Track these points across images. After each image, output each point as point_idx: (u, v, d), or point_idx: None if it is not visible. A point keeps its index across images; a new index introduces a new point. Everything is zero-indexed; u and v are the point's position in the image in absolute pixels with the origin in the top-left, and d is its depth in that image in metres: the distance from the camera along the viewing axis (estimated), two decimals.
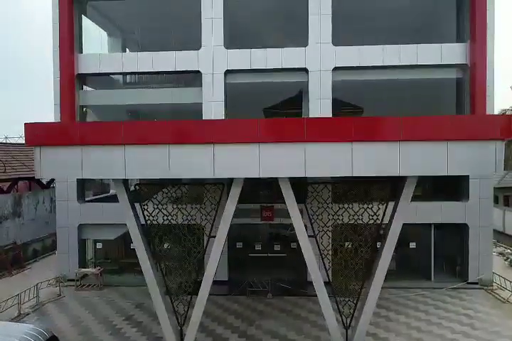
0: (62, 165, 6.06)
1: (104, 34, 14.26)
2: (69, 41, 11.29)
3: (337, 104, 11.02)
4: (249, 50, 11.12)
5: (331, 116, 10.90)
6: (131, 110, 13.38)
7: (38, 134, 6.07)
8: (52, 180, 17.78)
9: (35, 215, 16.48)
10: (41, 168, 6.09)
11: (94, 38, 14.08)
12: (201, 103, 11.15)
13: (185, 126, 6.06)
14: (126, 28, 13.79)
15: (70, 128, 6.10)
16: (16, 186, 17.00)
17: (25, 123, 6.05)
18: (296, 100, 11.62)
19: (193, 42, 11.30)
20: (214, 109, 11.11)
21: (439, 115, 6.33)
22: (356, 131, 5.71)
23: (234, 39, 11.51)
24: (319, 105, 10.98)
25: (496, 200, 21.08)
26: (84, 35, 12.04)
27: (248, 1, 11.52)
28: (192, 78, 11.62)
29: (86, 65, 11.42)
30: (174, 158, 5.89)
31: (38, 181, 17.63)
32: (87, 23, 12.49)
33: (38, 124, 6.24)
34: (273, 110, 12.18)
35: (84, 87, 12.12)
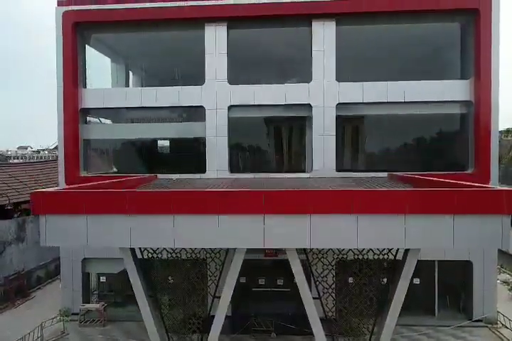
0: (68, 234, 6.08)
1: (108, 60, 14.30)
2: (72, 76, 11.28)
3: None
4: (252, 85, 11.14)
5: (334, 151, 10.93)
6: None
7: (43, 203, 6.08)
8: None
9: (38, 238, 16.50)
10: (46, 236, 6.11)
11: (98, 65, 14.16)
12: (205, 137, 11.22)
13: (190, 197, 6.04)
14: (130, 59, 13.74)
15: (75, 198, 6.09)
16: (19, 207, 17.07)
17: (31, 194, 6.08)
18: (300, 134, 11.65)
19: (197, 76, 11.31)
20: (218, 142, 11.13)
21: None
22: (361, 203, 5.69)
23: (238, 74, 11.49)
24: (323, 141, 10.99)
25: None
26: (88, 61, 12.09)
27: (252, 37, 11.54)
28: (195, 111, 11.59)
29: (90, 100, 11.43)
30: (180, 228, 5.89)
31: None
32: (91, 52, 12.50)
33: (43, 193, 6.25)
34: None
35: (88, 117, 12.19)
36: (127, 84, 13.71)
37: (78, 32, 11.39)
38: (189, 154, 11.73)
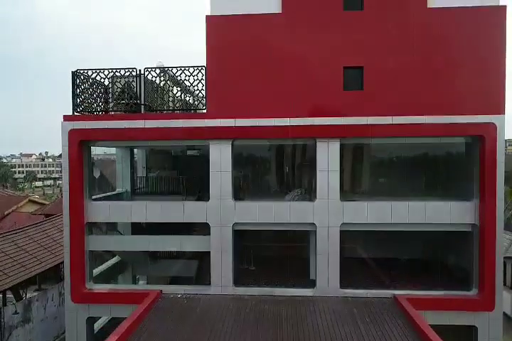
0: None
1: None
2: (79, 190, 11.41)
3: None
4: (257, 203, 11.23)
5: (338, 272, 10.97)
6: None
7: None
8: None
9: (44, 315, 16.67)
10: None
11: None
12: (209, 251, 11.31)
13: None
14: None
15: None
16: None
17: None
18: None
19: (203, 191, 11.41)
20: (222, 258, 11.21)
21: None
22: None
23: (243, 190, 11.59)
24: (327, 258, 11.03)
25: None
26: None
27: (256, 151, 11.63)
28: (199, 225, 11.66)
29: (95, 213, 11.54)
30: None
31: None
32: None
33: None
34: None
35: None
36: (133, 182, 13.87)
37: (84, 145, 11.52)
38: (194, 267, 11.82)
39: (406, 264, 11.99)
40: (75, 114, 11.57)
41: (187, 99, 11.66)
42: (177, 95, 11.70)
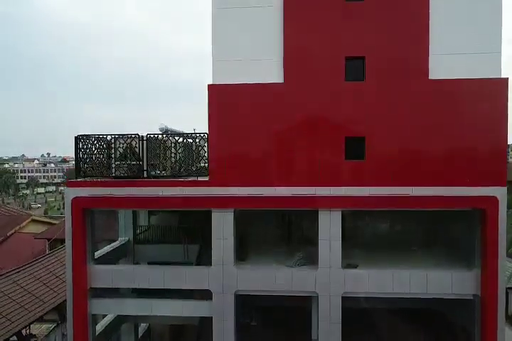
0: None
1: None
2: (82, 256, 11.47)
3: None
4: (259, 270, 11.28)
5: (340, 336, 11.01)
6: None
7: None
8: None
9: None
10: None
11: None
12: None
13: None
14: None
15: None
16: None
17: None
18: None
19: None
20: (225, 326, 11.27)
21: None
22: None
23: (245, 256, 11.63)
24: (329, 323, 11.07)
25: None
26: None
27: (258, 218, 11.68)
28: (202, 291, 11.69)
29: (98, 279, 11.59)
30: None
31: None
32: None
33: None
34: None
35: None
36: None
37: (87, 211, 11.57)
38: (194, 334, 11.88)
39: (406, 330, 12.02)
40: (79, 179, 11.63)
41: (189, 164, 11.65)
42: (179, 159, 11.76)
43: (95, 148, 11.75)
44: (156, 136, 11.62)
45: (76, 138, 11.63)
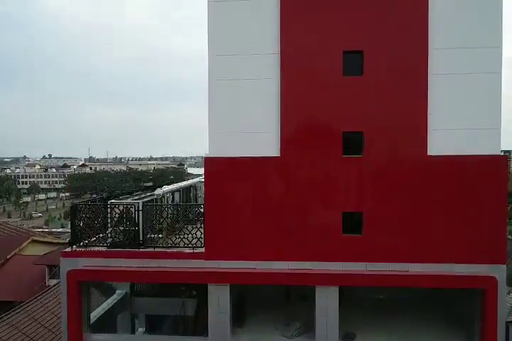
0: None
1: None
2: (78, 324, 11.39)
3: None
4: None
5: None
6: None
7: None
8: None
9: None
10: None
11: None
12: None
13: None
14: None
15: None
16: None
17: None
18: None
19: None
20: None
21: None
22: None
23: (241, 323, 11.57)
24: None
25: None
26: None
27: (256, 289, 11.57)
28: None
29: None
30: None
31: None
32: None
33: None
34: None
35: None
36: None
37: (83, 284, 11.50)
38: None
39: None
40: (74, 248, 11.54)
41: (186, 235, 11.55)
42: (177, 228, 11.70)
43: (92, 215, 11.68)
44: (152, 204, 11.53)
45: (72, 206, 11.58)
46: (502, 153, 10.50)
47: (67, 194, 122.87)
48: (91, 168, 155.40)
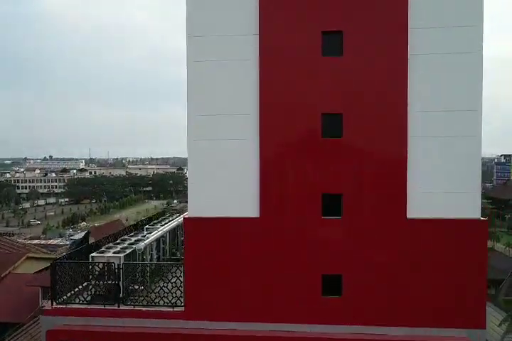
0: None
1: None
2: None
3: None
4: None
5: None
6: None
7: None
8: None
9: None
10: None
11: None
12: None
13: None
14: None
15: None
16: None
17: None
18: None
19: None
20: None
21: None
22: None
23: None
24: None
25: None
26: None
27: None
28: None
29: None
30: None
31: None
32: None
33: None
34: None
35: None
36: None
37: None
38: None
39: None
40: (54, 305, 11.51)
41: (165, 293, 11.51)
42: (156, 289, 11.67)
43: (72, 273, 11.67)
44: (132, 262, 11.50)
45: (52, 264, 11.56)
46: (481, 218, 10.43)
47: (67, 199, 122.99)
48: (90, 173, 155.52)
